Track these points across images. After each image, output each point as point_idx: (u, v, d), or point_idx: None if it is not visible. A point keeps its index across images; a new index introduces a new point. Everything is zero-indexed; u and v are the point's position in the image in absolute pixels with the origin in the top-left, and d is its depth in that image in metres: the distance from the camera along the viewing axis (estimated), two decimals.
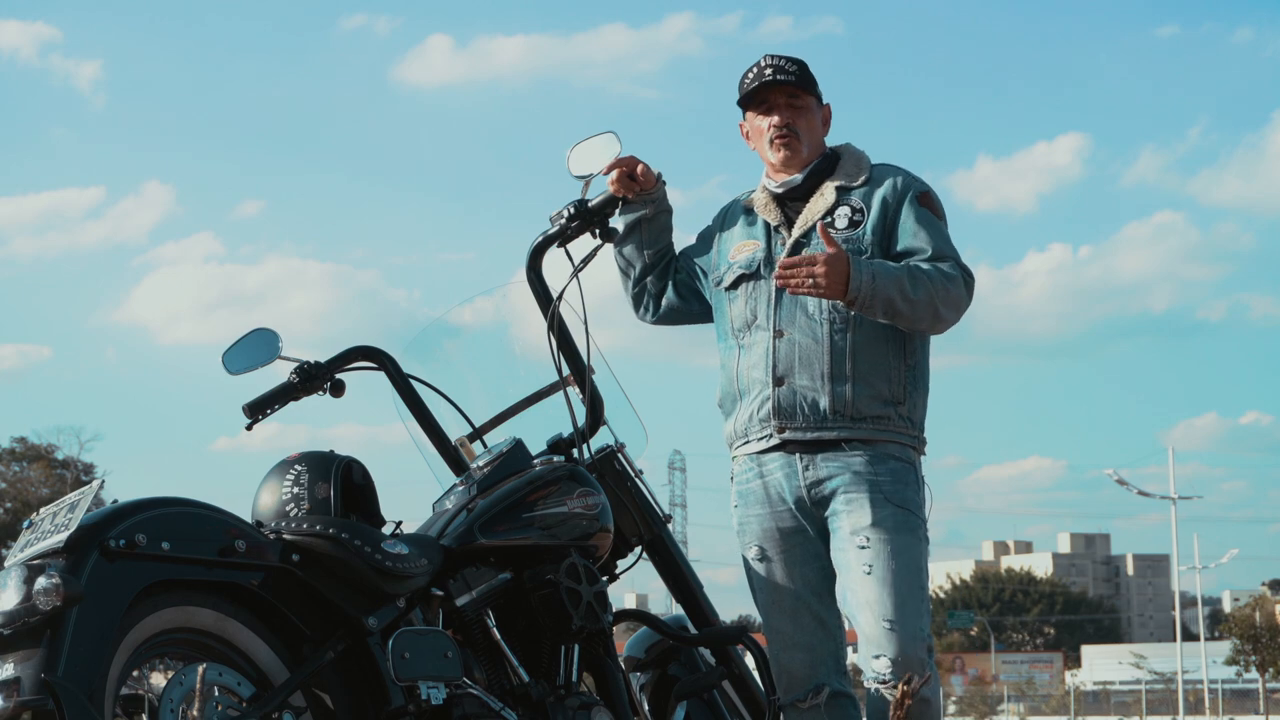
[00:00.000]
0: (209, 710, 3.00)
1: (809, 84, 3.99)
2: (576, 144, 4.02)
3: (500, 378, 4.30)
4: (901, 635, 3.71)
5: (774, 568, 3.91)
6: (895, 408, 3.85)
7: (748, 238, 4.00)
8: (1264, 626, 46.35)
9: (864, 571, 3.74)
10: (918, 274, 3.78)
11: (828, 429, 3.82)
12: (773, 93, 3.98)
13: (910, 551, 3.77)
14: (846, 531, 3.78)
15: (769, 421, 3.87)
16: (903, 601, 3.72)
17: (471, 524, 3.63)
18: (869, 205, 3.90)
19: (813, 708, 3.87)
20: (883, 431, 3.83)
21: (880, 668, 3.72)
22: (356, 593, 3.31)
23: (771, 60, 3.98)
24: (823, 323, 3.85)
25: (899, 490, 3.80)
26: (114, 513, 3.02)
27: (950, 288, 3.82)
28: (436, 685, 3.34)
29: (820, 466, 3.83)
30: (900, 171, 3.97)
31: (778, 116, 3.97)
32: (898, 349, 3.87)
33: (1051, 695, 55.89)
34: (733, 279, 3.99)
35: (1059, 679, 62.06)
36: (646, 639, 4.30)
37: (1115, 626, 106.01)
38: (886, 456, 3.82)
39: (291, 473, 3.45)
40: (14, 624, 2.86)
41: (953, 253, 3.88)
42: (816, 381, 3.83)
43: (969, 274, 3.88)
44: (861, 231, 3.87)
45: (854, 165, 3.98)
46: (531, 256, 4.08)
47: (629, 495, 4.12)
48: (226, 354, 3.99)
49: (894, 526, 3.77)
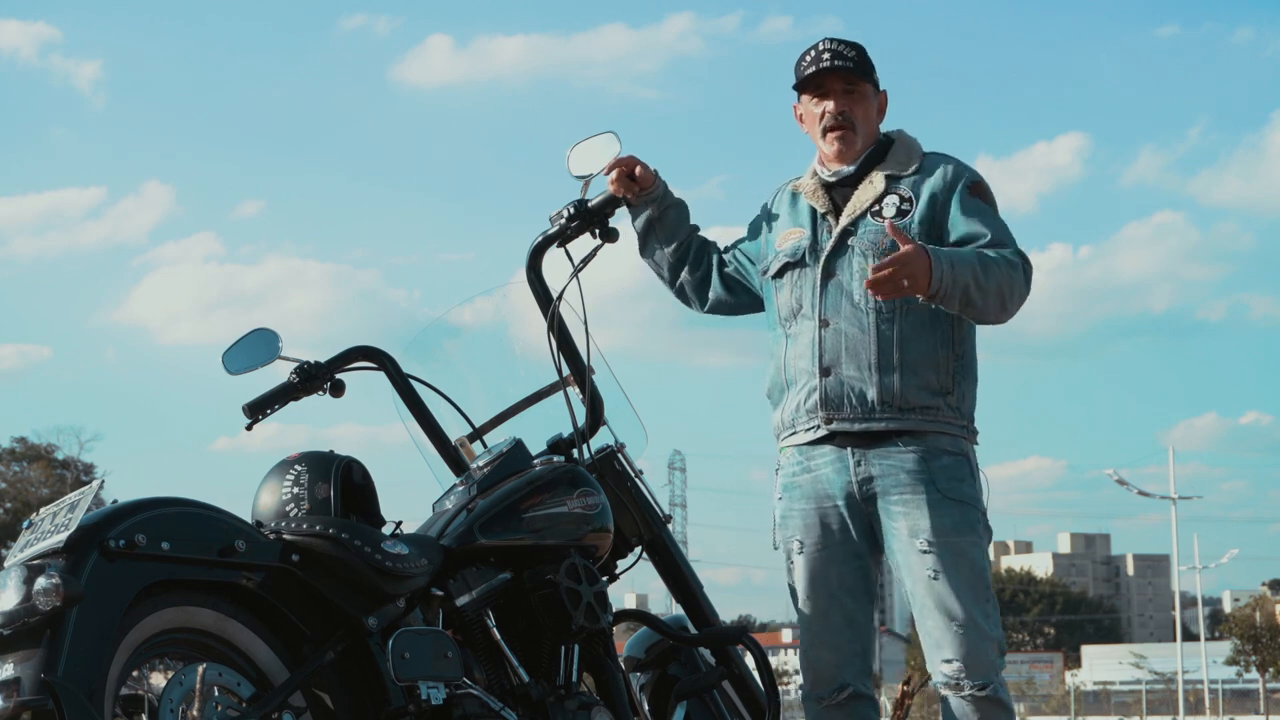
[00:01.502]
0: (209, 710, 3.00)
1: (867, 71, 3.92)
2: (576, 144, 4.01)
3: (500, 378, 4.30)
4: (972, 638, 3.68)
5: (812, 563, 3.86)
6: (944, 398, 3.80)
7: (794, 225, 3.96)
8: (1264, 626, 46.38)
9: (929, 576, 3.70)
10: (987, 260, 3.71)
11: (876, 420, 3.77)
12: (829, 79, 3.91)
13: (973, 552, 3.74)
14: (906, 534, 3.74)
15: (816, 412, 3.83)
16: (971, 605, 3.70)
17: (471, 524, 3.63)
18: (918, 195, 3.85)
19: (831, 706, 3.86)
20: (931, 422, 3.78)
21: (951, 671, 3.69)
22: (356, 593, 3.31)
23: (830, 45, 3.92)
24: (868, 312, 3.80)
25: (955, 486, 3.75)
26: (114, 513, 3.01)
27: (1014, 275, 3.75)
28: (436, 685, 3.34)
29: (872, 463, 3.78)
30: (951, 160, 3.91)
31: (833, 104, 3.91)
32: (945, 338, 3.82)
33: (1051, 695, 55.84)
34: (778, 267, 3.94)
35: (1059, 679, 62.03)
36: (646, 639, 4.30)
37: (1115, 626, 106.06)
38: (939, 451, 3.77)
39: (291, 473, 3.45)
40: (14, 624, 2.86)
41: (1010, 240, 3.81)
42: (864, 371, 3.78)
43: (1028, 262, 3.82)
44: (909, 221, 3.81)
45: (905, 153, 3.93)
46: (531, 256, 4.07)
47: (629, 495, 4.11)
48: (226, 354, 3.98)
49: (955, 527, 3.72)
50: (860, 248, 3.84)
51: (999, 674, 3.74)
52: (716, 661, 4.24)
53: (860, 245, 3.84)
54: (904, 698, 12.28)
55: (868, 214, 3.86)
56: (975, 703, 3.68)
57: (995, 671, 3.72)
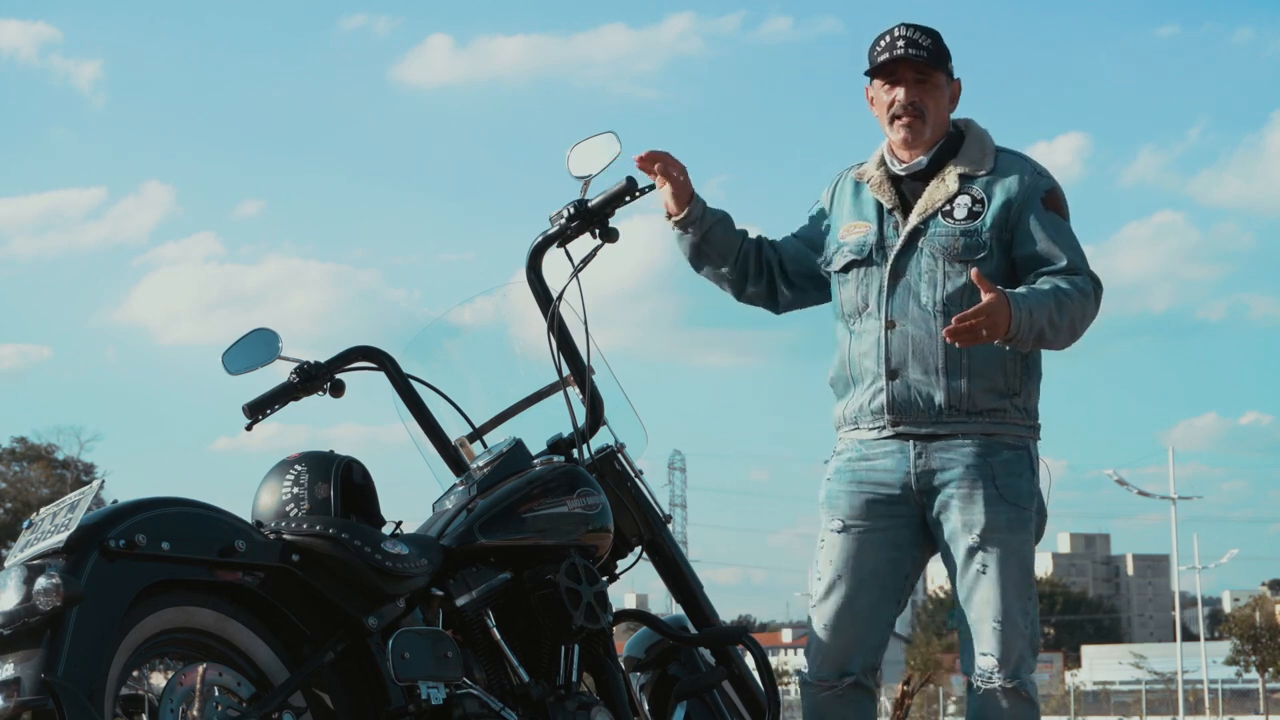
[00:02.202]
0: (209, 710, 3.00)
1: (941, 60, 3.86)
2: (576, 144, 4.00)
3: (500, 378, 4.30)
4: (1009, 635, 3.70)
5: (850, 545, 3.83)
6: (1011, 399, 3.79)
7: (859, 218, 3.92)
8: (1264, 626, 46.42)
9: (978, 571, 3.72)
10: (1062, 299, 3.69)
11: (943, 423, 3.76)
12: (902, 67, 3.85)
13: (1022, 551, 3.75)
14: (959, 526, 3.74)
15: (882, 415, 3.81)
16: (1012, 603, 3.72)
17: (471, 524, 3.63)
18: (990, 196, 3.80)
19: (831, 691, 3.85)
20: (999, 424, 3.78)
21: (986, 665, 3.71)
22: (356, 593, 3.31)
23: (905, 31, 3.85)
24: (935, 315, 3.77)
25: (1012, 483, 3.75)
26: (114, 513, 3.01)
27: (1087, 306, 3.75)
28: (436, 685, 3.34)
29: (933, 456, 3.77)
30: (1026, 163, 3.87)
31: (904, 92, 3.85)
32: None
33: (1051, 695, 55.82)
34: (843, 263, 3.91)
35: (1059, 679, 62.03)
36: (646, 639, 4.30)
37: (1115, 626, 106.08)
38: (1000, 446, 3.77)
39: (291, 473, 3.45)
40: (14, 624, 2.86)
41: (1084, 264, 3.79)
42: (931, 375, 3.77)
43: (1099, 285, 3.81)
44: (980, 224, 3.78)
45: (978, 149, 3.87)
46: (531, 256, 4.07)
47: (629, 495, 4.11)
48: (226, 354, 3.98)
49: (1007, 525, 3.73)
50: (930, 249, 3.80)
51: (1030, 672, 3.76)
52: (716, 661, 4.24)
53: (930, 247, 3.81)
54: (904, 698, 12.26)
55: (939, 214, 3.82)
56: (1004, 695, 3.71)
57: (1026, 669, 3.74)
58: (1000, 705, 3.71)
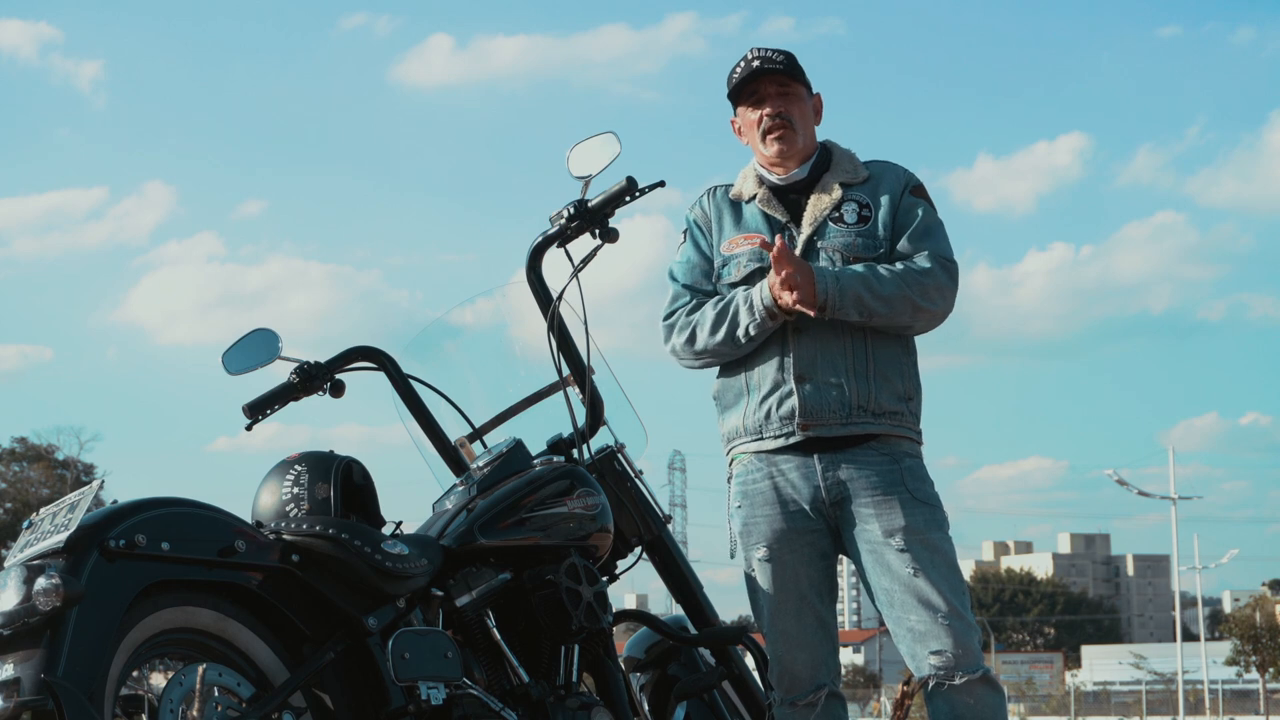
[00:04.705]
0: (209, 710, 3.00)
1: (797, 72, 3.96)
2: (576, 144, 4.00)
3: (500, 378, 4.30)
4: (958, 627, 3.74)
5: (782, 568, 3.87)
6: (907, 403, 3.87)
7: (747, 231, 3.96)
8: (1264, 627, 46.44)
9: (910, 573, 3.75)
10: (880, 271, 3.79)
11: (854, 424, 3.80)
12: (761, 83, 3.95)
13: (945, 547, 3.81)
14: (879, 534, 3.77)
15: (791, 420, 3.83)
16: (951, 597, 3.76)
17: (471, 524, 3.63)
18: (875, 201, 3.90)
19: (808, 706, 3.87)
20: (898, 427, 3.84)
21: (941, 661, 3.73)
22: (356, 593, 3.31)
23: (758, 52, 3.97)
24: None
25: (921, 487, 3.82)
26: (114, 513, 3.02)
27: (924, 280, 3.82)
28: (436, 685, 3.34)
29: (840, 468, 3.80)
30: (893, 165, 3.99)
31: (769, 106, 3.94)
32: (906, 345, 3.90)
33: (1051, 695, 55.88)
34: (745, 273, 3.90)
35: (1059, 679, 62.09)
36: (646, 639, 4.30)
37: (1115, 627, 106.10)
38: (902, 455, 3.83)
39: (291, 473, 3.45)
40: (14, 624, 2.86)
41: (939, 240, 3.88)
42: (841, 377, 3.81)
43: (946, 260, 3.87)
44: (873, 226, 3.87)
45: (849, 162, 3.98)
46: (531, 257, 4.07)
47: (629, 495, 4.12)
48: (226, 354, 3.99)
49: (926, 525, 3.78)
50: (828, 251, 3.86)
51: (983, 659, 3.80)
52: (716, 661, 4.24)
53: (828, 249, 3.87)
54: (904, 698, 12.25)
55: (828, 220, 3.89)
56: (973, 686, 3.73)
57: (981, 656, 3.79)
58: (970, 698, 3.72)
